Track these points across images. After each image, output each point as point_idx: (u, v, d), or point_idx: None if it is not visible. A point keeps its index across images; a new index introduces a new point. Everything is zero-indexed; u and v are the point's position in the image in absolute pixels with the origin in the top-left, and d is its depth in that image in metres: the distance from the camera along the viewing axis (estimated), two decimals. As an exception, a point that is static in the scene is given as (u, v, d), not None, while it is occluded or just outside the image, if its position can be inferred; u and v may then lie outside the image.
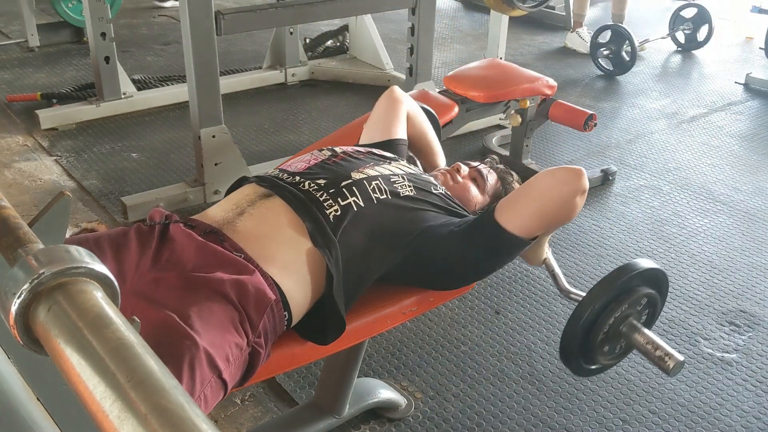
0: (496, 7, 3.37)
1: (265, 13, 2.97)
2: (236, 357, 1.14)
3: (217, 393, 1.12)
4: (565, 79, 4.41)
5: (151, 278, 1.22)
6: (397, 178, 1.47)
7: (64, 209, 0.72)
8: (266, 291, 1.20)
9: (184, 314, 1.11)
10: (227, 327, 1.14)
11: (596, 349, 1.48)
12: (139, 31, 5.14)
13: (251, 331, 1.17)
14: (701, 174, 3.30)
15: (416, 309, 1.51)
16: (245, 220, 1.33)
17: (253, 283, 1.19)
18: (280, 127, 3.67)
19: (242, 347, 1.16)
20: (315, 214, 1.33)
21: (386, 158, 1.58)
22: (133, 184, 3.01)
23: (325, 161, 1.49)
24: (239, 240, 1.29)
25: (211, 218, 1.36)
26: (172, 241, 1.27)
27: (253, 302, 1.18)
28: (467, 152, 3.41)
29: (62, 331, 0.49)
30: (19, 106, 3.72)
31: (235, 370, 1.16)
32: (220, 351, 1.10)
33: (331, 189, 1.38)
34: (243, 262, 1.23)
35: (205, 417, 0.43)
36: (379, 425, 1.84)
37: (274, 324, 1.24)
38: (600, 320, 1.46)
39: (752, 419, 1.91)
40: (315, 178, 1.41)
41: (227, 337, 1.13)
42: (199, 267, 1.22)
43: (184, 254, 1.25)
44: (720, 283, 2.49)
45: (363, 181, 1.41)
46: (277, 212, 1.34)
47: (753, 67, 4.70)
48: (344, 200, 1.36)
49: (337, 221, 1.33)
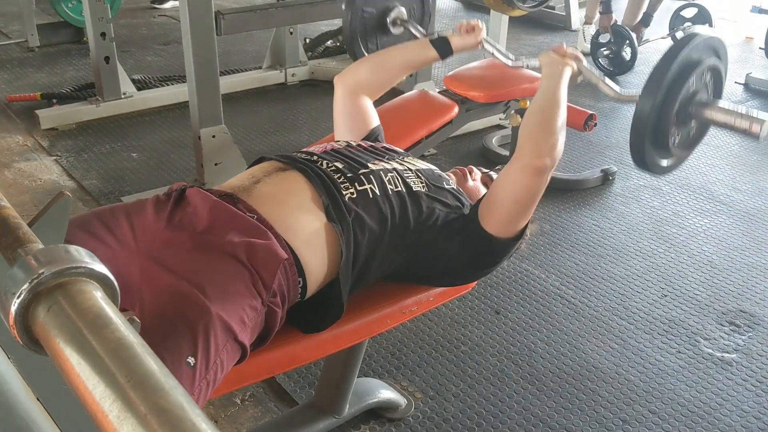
0: (496, 7, 3.37)
1: (265, 13, 2.98)
2: (252, 318, 1.14)
3: (233, 355, 1.12)
4: (565, 79, 4.41)
5: (164, 239, 1.22)
6: (410, 174, 1.48)
7: (64, 209, 0.72)
8: (277, 250, 1.19)
9: (195, 280, 1.11)
10: (240, 289, 1.13)
11: (669, 139, 1.35)
12: (139, 31, 5.14)
13: (265, 291, 1.16)
14: (701, 174, 3.30)
15: (416, 309, 1.51)
16: (260, 187, 1.33)
17: (263, 244, 1.19)
18: (280, 127, 3.67)
19: (257, 308, 1.15)
20: (332, 191, 1.33)
21: (399, 154, 1.59)
22: (133, 184, 3.01)
23: (342, 149, 1.50)
24: (254, 203, 1.29)
25: (225, 186, 1.37)
26: (187, 203, 1.28)
27: (263, 262, 1.17)
28: (467, 152, 3.41)
29: (62, 331, 0.49)
30: (19, 106, 3.73)
31: (252, 331, 1.15)
32: (233, 314, 1.10)
33: (349, 174, 1.39)
34: (255, 223, 1.23)
35: (205, 417, 0.43)
36: (379, 425, 1.84)
37: (288, 287, 1.24)
38: (667, 105, 1.32)
39: (752, 419, 1.91)
40: (333, 160, 1.43)
41: (240, 300, 1.12)
42: (211, 228, 1.22)
43: (197, 215, 1.25)
44: (720, 283, 2.49)
45: (380, 172, 1.42)
46: (294, 183, 1.35)
47: (753, 67, 4.70)
48: (361, 185, 1.37)
49: (352, 203, 1.34)
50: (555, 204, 2.98)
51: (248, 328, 1.13)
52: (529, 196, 1.40)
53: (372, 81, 1.77)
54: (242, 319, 1.12)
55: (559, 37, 5.29)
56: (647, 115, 1.33)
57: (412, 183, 1.45)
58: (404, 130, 2.48)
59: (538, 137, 1.40)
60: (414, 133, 2.56)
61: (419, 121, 2.62)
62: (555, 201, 2.99)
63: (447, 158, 3.35)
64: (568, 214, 2.92)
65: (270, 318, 1.19)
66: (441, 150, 3.39)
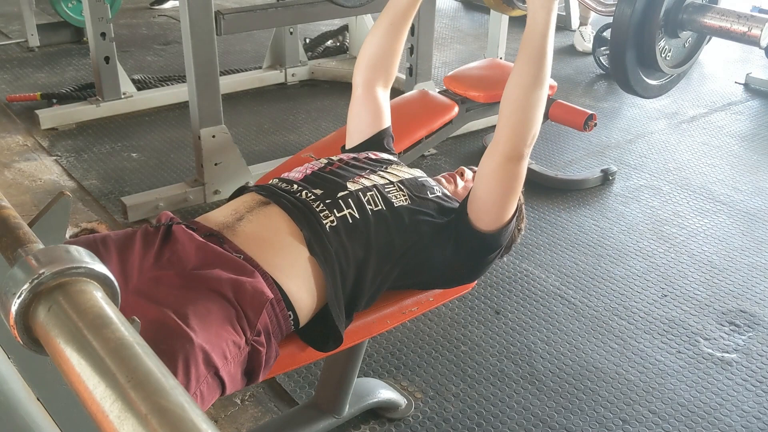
0: (496, 7, 3.36)
1: (265, 13, 2.97)
2: (234, 355, 1.15)
3: (214, 390, 1.12)
4: (565, 79, 4.41)
5: (152, 276, 1.23)
6: (392, 187, 1.46)
7: (64, 209, 0.72)
8: (263, 289, 1.21)
9: (181, 312, 1.12)
10: (224, 325, 1.14)
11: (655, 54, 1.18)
12: (139, 31, 5.14)
13: (249, 329, 1.17)
14: (701, 174, 3.30)
15: (416, 309, 1.51)
16: (244, 224, 1.34)
17: (251, 282, 1.20)
18: (280, 127, 3.67)
19: (240, 345, 1.16)
20: (313, 223, 1.34)
21: (382, 162, 1.57)
22: (133, 184, 3.01)
23: (321, 170, 1.49)
24: (239, 243, 1.30)
25: (211, 221, 1.37)
26: (175, 241, 1.29)
27: (249, 300, 1.18)
28: (467, 152, 3.41)
29: (62, 331, 0.49)
30: (19, 106, 3.72)
31: (235, 368, 1.16)
32: (216, 348, 1.11)
33: (327, 200, 1.38)
34: (242, 263, 1.24)
35: (205, 417, 0.43)
36: (379, 425, 1.84)
37: (279, 323, 1.25)
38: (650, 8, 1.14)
39: (752, 419, 1.91)
40: (312, 187, 1.42)
41: (224, 335, 1.13)
42: (199, 266, 1.23)
43: (185, 254, 1.26)
44: (720, 283, 2.49)
45: (358, 193, 1.41)
46: (275, 219, 1.35)
47: (753, 67, 4.69)
48: (340, 212, 1.37)
49: (333, 232, 1.34)
50: (555, 204, 2.98)
51: (230, 365, 1.14)
52: (510, 185, 1.40)
53: (381, 49, 1.68)
54: (225, 353, 1.12)
55: (558, 37, 5.28)
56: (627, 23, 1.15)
57: (393, 198, 1.44)
58: (404, 130, 2.48)
59: (516, 124, 1.36)
60: (414, 133, 2.56)
61: (419, 121, 2.62)
62: (555, 201, 2.99)
63: (447, 158, 3.34)
64: (568, 214, 2.92)
65: (254, 357, 1.20)
66: (441, 150, 3.38)
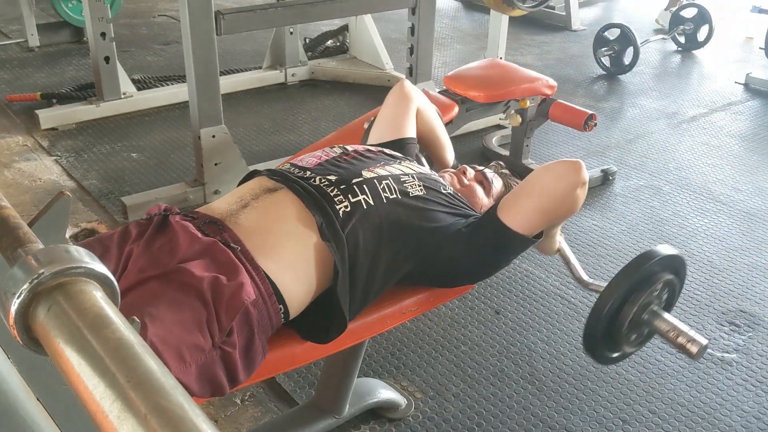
0: (496, 7, 3.37)
1: (265, 13, 2.97)
2: (195, 358, 1.11)
3: None
4: (565, 79, 4.41)
5: (138, 268, 1.21)
6: (407, 177, 1.46)
7: (64, 209, 0.72)
8: (242, 293, 1.16)
9: (145, 306, 1.09)
10: (188, 326, 1.11)
11: (621, 338, 1.47)
12: (139, 31, 5.14)
13: (219, 334, 1.14)
14: (701, 174, 3.30)
15: (416, 309, 1.51)
16: (248, 212, 1.32)
17: (231, 285, 1.16)
18: (280, 127, 3.67)
19: (204, 349, 1.12)
20: (325, 209, 1.32)
21: (396, 158, 1.57)
22: (133, 184, 3.01)
23: (336, 158, 1.49)
24: (239, 232, 1.27)
25: (213, 210, 1.35)
26: (168, 231, 1.27)
27: (225, 304, 1.15)
28: (467, 152, 3.41)
29: (62, 330, 0.49)
30: (19, 106, 3.72)
31: (198, 371, 1.12)
32: (169, 348, 1.07)
33: (342, 185, 1.37)
34: (231, 257, 1.21)
35: (205, 417, 0.43)
36: (379, 425, 1.84)
37: (269, 317, 1.23)
38: (624, 310, 1.45)
39: (752, 419, 1.91)
40: (326, 173, 1.41)
41: (184, 337, 1.10)
42: (187, 259, 1.20)
43: (176, 245, 1.23)
44: (720, 283, 2.49)
45: (373, 180, 1.41)
46: (283, 205, 1.33)
47: (753, 67, 4.69)
48: (354, 197, 1.36)
49: (346, 217, 1.33)
50: (555, 204, 2.97)
51: (191, 367, 1.10)
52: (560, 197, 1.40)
53: None
54: (181, 355, 1.09)
55: (559, 37, 5.29)
56: (608, 308, 1.43)
57: (410, 188, 1.43)
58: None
59: None
60: (414, 133, 2.56)
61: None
62: (555, 201, 2.99)
63: (447, 158, 3.34)
64: (568, 214, 2.91)
65: (227, 361, 1.16)
66: (441, 150, 3.38)
